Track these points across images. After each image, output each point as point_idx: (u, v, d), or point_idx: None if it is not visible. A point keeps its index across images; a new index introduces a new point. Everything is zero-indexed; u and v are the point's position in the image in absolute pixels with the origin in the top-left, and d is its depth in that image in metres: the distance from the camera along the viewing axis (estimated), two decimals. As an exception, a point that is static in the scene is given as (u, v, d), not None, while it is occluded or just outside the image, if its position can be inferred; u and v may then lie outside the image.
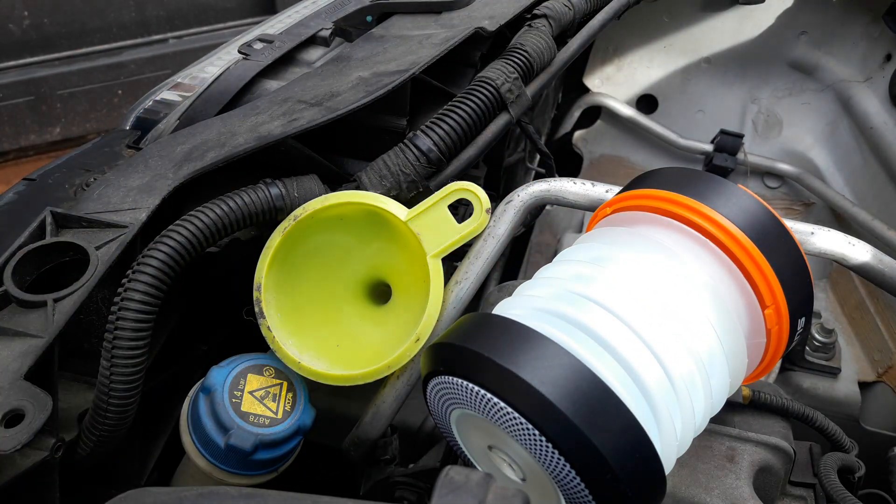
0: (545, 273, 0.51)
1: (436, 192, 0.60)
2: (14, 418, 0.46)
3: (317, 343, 0.61)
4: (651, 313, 0.45)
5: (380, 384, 0.61)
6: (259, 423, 0.57)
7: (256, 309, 0.59)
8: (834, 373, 0.90)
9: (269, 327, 0.59)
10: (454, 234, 0.59)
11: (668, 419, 0.44)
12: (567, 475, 0.41)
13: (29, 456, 0.48)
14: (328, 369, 0.58)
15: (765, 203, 0.48)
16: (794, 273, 0.47)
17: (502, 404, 0.41)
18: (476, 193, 0.60)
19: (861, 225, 1.10)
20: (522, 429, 0.41)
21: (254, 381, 0.59)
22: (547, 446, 0.40)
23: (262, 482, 0.60)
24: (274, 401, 0.59)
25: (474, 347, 0.43)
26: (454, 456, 0.61)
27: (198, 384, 0.60)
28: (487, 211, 0.59)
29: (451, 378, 0.44)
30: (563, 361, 0.41)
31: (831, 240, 0.52)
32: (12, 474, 0.47)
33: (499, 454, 0.47)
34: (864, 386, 0.93)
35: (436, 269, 0.58)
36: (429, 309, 0.57)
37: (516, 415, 0.41)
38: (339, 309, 0.64)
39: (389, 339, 0.60)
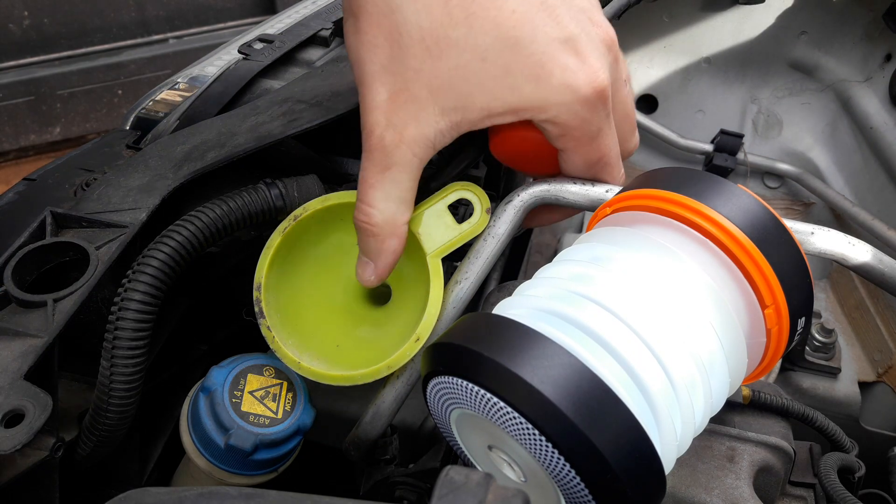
0: (545, 273, 0.51)
1: (436, 192, 0.60)
2: (14, 418, 0.46)
3: (316, 343, 0.61)
4: (651, 313, 0.45)
5: (380, 384, 0.61)
6: (259, 423, 0.57)
7: (256, 309, 0.59)
8: (834, 373, 0.90)
9: (268, 327, 0.59)
10: (454, 233, 0.59)
11: (668, 419, 0.44)
12: (567, 475, 0.41)
13: (29, 456, 0.48)
14: (328, 369, 0.58)
15: (765, 203, 0.48)
16: (794, 273, 0.47)
17: (502, 404, 0.41)
18: (476, 193, 0.60)
19: (861, 225, 1.10)
20: (522, 429, 0.41)
21: (254, 381, 0.59)
22: (547, 446, 0.40)
23: (262, 482, 0.60)
24: (274, 401, 0.59)
25: (474, 347, 0.43)
26: (454, 456, 0.61)
27: (198, 384, 0.60)
28: (488, 211, 0.59)
29: (450, 378, 0.44)
30: (563, 361, 0.41)
31: (831, 240, 0.52)
32: (12, 474, 0.47)
33: (499, 454, 0.47)
34: (864, 386, 0.93)
35: (436, 269, 0.58)
36: (429, 309, 0.57)
37: (516, 414, 0.41)
38: (338, 309, 0.64)
39: (389, 339, 0.60)
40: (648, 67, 1.34)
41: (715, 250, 0.47)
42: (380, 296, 0.65)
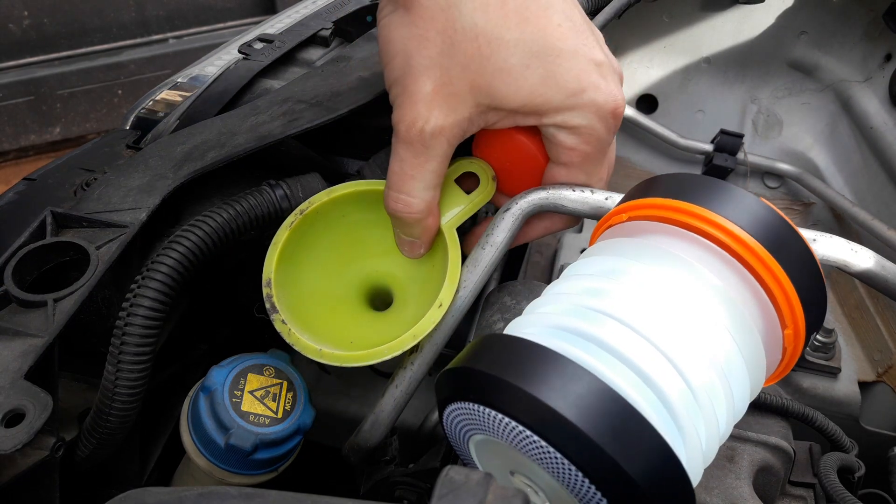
0: (555, 289, 0.50)
1: None
2: (14, 418, 0.46)
3: (329, 336, 0.60)
4: (671, 327, 0.44)
5: (379, 389, 0.61)
6: (259, 422, 0.58)
7: (267, 305, 0.58)
8: (834, 373, 0.90)
9: (283, 321, 0.57)
10: (465, 202, 0.61)
11: (694, 434, 0.43)
12: (596, 500, 0.40)
13: (29, 455, 0.48)
14: (349, 353, 0.57)
15: (784, 216, 0.47)
16: (811, 290, 0.46)
17: (526, 431, 0.40)
18: (480, 164, 0.62)
19: (861, 225, 1.10)
20: (548, 455, 0.40)
21: (254, 381, 0.59)
22: (574, 472, 0.39)
23: (262, 482, 0.60)
24: (274, 400, 0.59)
25: (494, 372, 0.41)
26: (454, 456, 0.61)
27: (198, 384, 0.60)
28: (493, 178, 0.61)
29: (469, 404, 0.43)
30: (586, 383, 0.39)
31: (834, 246, 0.52)
32: (12, 474, 0.47)
33: (522, 479, 0.45)
34: (864, 386, 0.93)
35: (452, 238, 0.59)
36: (449, 276, 0.57)
37: (542, 442, 0.40)
38: (348, 301, 0.63)
39: (404, 322, 0.59)
40: (648, 67, 1.34)
41: (736, 266, 0.46)
42: (388, 297, 0.65)
